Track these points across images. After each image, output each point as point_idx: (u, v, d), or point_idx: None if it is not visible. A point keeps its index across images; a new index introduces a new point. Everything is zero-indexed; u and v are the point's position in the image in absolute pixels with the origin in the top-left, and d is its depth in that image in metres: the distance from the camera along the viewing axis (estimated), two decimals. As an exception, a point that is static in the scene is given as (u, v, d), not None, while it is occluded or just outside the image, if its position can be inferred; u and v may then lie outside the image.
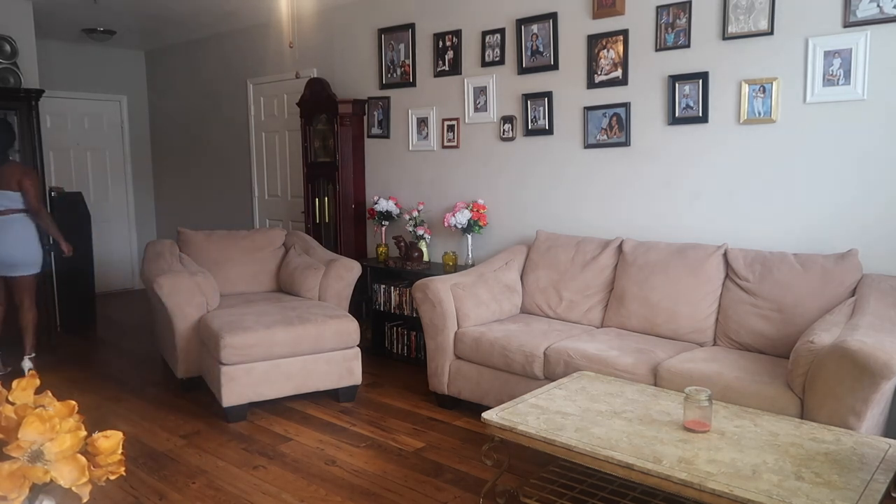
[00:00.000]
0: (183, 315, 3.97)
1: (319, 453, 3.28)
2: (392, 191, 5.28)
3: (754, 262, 3.41)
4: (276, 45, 6.02)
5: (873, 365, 2.40)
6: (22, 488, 1.22)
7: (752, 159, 3.60)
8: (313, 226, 5.58)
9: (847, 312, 2.94)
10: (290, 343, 3.74)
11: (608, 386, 2.89)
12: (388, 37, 5.18)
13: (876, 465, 2.10)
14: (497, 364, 3.55)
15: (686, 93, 3.77)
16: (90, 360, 4.99)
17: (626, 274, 3.76)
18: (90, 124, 7.29)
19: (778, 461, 2.13)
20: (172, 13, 5.99)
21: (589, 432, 2.39)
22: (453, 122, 4.85)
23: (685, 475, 2.05)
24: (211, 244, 4.74)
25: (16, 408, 1.30)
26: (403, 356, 4.77)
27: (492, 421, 2.54)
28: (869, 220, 3.28)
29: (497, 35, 4.53)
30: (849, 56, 3.24)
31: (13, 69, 5.28)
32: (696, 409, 2.37)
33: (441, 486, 2.92)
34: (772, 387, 2.75)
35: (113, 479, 1.35)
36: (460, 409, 3.81)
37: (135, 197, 7.75)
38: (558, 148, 4.34)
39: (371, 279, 4.90)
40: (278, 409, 3.84)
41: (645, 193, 4.01)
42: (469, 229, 4.58)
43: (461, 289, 3.84)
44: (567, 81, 4.24)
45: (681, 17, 3.75)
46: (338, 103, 5.23)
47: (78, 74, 7.09)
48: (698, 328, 3.47)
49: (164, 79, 7.55)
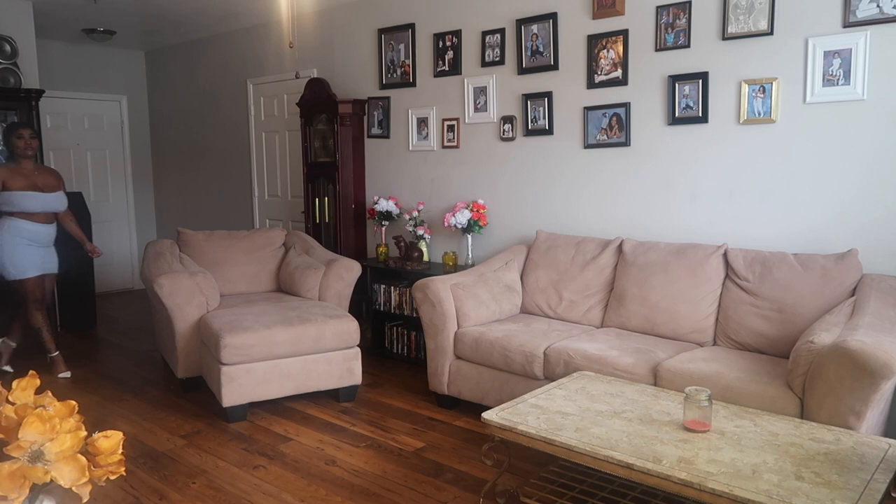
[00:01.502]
0: (183, 315, 3.97)
1: (319, 453, 3.28)
2: (392, 191, 5.28)
3: (754, 262, 3.41)
4: (276, 45, 6.02)
5: (873, 365, 2.40)
6: (22, 488, 1.22)
7: (752, 159, 3.60)
8: (313, 226, 5.58)
9: (847, 312, 2.94)
10: (290, 343, 3.74)
11: (608, 386, 2.89)
12: (388, 37, 5.18)
13: (876, 464, 2.10)
14: (497, 364, 3.55)
15: (686, 93, 3.77)
16: (90, 360, 4.99)
17: (625, 274, 3.76)
18: (90, 124, 7.29)
19: (778, 461, 2.13)
20: (172, 13, 6.00)
21: (589, 432, 2.39)
22: (453, 122, 4.85)
23: (685, 475, 2.05)
24: (211, 244, 4.74)
25: (16, 408, 1.30)
26: (403, 356, 4.77)
27: (492, 421, 2.54)
28: (869, 220, 3.28)
29: (497, 35, 4.53)
30: (849, 56, 3.24)
31: (13, 69, 5.29)
32: (696, 409, 2.37)
33: (441, 486, 2.92)
34: (772, 387, 2.75)
35: (113, 479, 1.35)
36: (460, 409, 3.82)
37: (135, 197, 7.75)
38: (558, 148, 4.34)
39: (371, 279, 4.90)
40: (278, 409, 3.84)
41: (645, 193, 4.01)
42: (469, 229, 4.58)
43: (461, 289, 3.84)
44: (567, 81, 4.24)
45: (681, 17, 3.75)
46: (338, 103, 5.23)
47: (78, 74, 7.09)
48: (698, 328, 3.47)
49: (164, 79, 7.55)
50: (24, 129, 4.41)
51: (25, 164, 4.41)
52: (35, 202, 4.37)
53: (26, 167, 4.41)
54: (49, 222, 4.49)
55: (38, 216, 4.40)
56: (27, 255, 4.35)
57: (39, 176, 4.45)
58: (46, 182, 4.46)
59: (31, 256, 4.37)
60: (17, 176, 4.35)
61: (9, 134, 4.46)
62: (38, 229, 4.41)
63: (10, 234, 4.31)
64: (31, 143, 4.39)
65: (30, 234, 4.38)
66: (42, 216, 4.43)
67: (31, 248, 4.37)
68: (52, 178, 4.53)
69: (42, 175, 4.48)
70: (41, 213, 4.41)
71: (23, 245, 4.34)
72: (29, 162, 4.43)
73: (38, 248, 4.43)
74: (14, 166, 4.40)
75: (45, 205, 4.43)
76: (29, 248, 4.36)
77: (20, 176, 4.36)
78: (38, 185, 4.40)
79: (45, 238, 4.47)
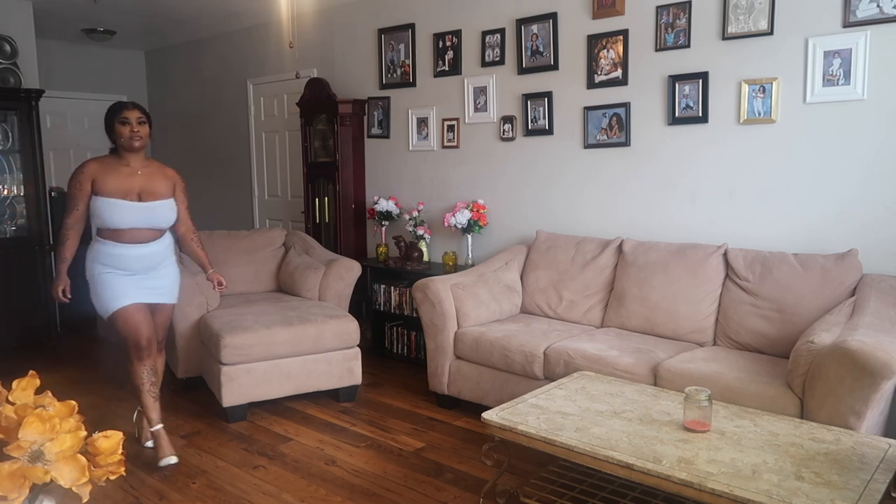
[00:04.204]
0: (183, 315, 3.97)
1: (319, 453, 3.28)
2: (392, 191, 5.28)
3: (754, 262, 3.41)
4: (276, 45, 6.02)
5: (873, 365, 2.40)
6: (22, 488, 1.22)
7: (752, 159, 3.60)
8: (313, 226, 5.58)
9: (847, 312, 2.94)
10: (290, 343, 3.74)
11: (608, 386, 2.89)
12: (388, 37, 5.18)
13: (876, 465, 2.10)
14: (497, 364, 3.55)
15: (686, 93, 3.77)
16: (90, 360, 4.99)
17: (626, 274, 3.76)
18: (90, 124, 7.28)
19: (778, 461, 2.13)
20: (173, 13, 6.00)
21: (589, 432, 2.39)
22: (453, 122, 4.85)
23: (685, 475, 2.05)
24: (211, 244, 4.73)
25: (16, 408, 1.30)
26: (403, 356, 4.77)
27: (492, 421, 2.54)
28: (869, 220, 3.28)
29: (497, 35, 4.53)
30: (849, 56, 3.24)
31: (13, 69, 5.28)
32: (696, 409, 2.37)
33: (441, 486, 2.92)
34: (772, 387, 2.75)
35: (113, 479, 1.35)
36: (460, 409, 3.82)
37: (135, 197, 7.75)
38: (558, 148, 4.34)
39: (371, 279, 4.90)
40: (278, 409, 3.84)
41: (645, 193, 4.01)
42: (469, 229, 4.58)
43: (461, 289, 3.84)
44: (567, 81, 4.24)
45: (681, 17, 3.75)
46: (338, 103, 5.23)
47: (78, 74, 7.09)
48: (698, 328, 3.47)
49: (164, 79, 7.55)
50: (129, 111, 3.09)
51: (129, 159, 3.12)
52: (124, 215, 3.04)
53: (130, 163, 3.12)
54: (148, 241, 3.14)
55: (129, 234, 3.07)
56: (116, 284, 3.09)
57: (142, 178, 3.13)
58: (150, 187, 3.13)
59: (120, 285, 3.09)
60: (110, 175, 3.07)
61: (111, 118, 3.11)
62: (128, 253, 3.08)
63: (93, 260, 3.11)
64: (138, 132, 3.09)
65: (115, 261, 3.08)
66: (136, 234, 3.09)
67: (117, 276, 3.09)
68: (160, 181, 3.19)
69: (147, 177, 3.15)
70: (135, 229, 3.08)
71: (105, 275, 3.08)
72: (135, 156, 3.13)
73: (132, 275, 3.13)
74: (111, 160, 3.14)
75: (140, 219, 3.08)
76: (114, 275, 3.09)
77: (114, 175, 3.07)
78: (136, 190, 3.09)
79: (141, 263, 3.13)
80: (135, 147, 3.10)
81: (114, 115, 3.09)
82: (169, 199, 3.22)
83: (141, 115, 3.12)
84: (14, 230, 5.23)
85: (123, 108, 3.10)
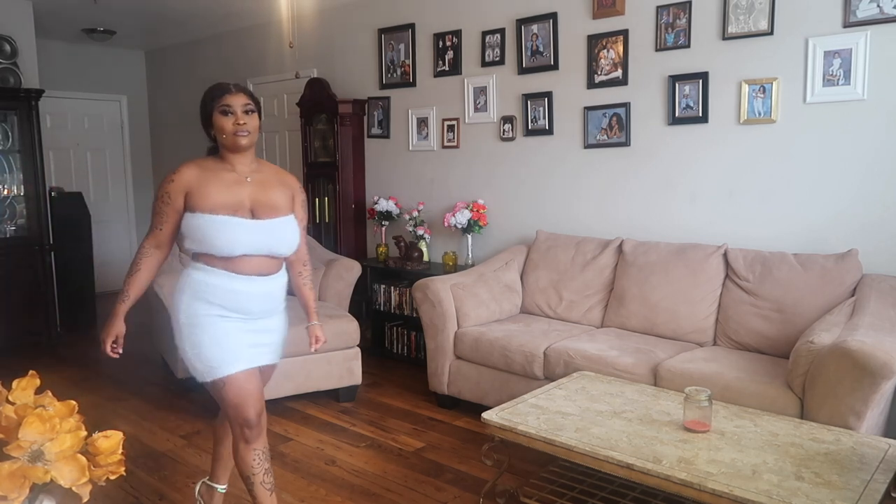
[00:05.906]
0: (183, 315, 3.94)
1: (319, 453, 3.28)
2: (392, 191, 5.28)
3: (754, 262, 3.41)
4: (276, 45, 6.02)
5: (873, 365, 2.40)
6: (22, 488, 1.22)
7: (752, 159, 3.60)
8: (313, 226, 5.57)
9: (847, 312, 2.94)
10: (289, 343, 3.71)
11: (608, 386, 2.89)
12: (388, 37, 5.18)
13: (876, 465, 2.10)
14: (497, 364, 3.55)
15: (686, 93, 3.77)
16: (90, 359, 4.99)
17: (625, 274, 3.76)
18: (90, 124, 7.28)
19: (778, 461, 2.13)
20: (172, 13, 5.99)
21: (589, 432, 2.39)
22: (453, 122, 4.85)
23: (685, 475, 2.05)
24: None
25: (16, 408, 1.30)
26: (403, 356, 4.77)
27: (492, 421, 2.54)
28: (869, 220, 3.28)
29: (497, 35, 4.53)
30: (849, 56, 3.24)
31: (13, 69, 5.28)
32: (696, 409, 2.37)
33: (441, 486, 2.92)
34: (772, 387, 2.75)
35: (113, 479, 1.35)
36: (460, 409, 3.81)
37: (135, 197, 7.74)
38: (558, 148, 4.34)
39: (371, 279, 4.90)
40: (278, 409, 3.84)
41: (645, 193, 4.01)
42: (469, 229, 4.58)
43: (461, 289, 3.84)
44: (567, 81, 4.24)
45: (681, 17, 3.75)
46: (338, 103, 5.23)
47: (78, 74, 7.08)
48: (698, 328, 3.47)
49: (164, 79, 7.55)
50: (233, 94, 2.20)
51: (235, 161, 2.25)
52: (238, 238, 2.16)
53: (235, 167, 2.25)
54: (269, 273, 2.27)
55: (244, 263, 2.19)
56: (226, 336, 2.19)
57: (254, 186, 2.24)
58: (264, 199, 2.24)
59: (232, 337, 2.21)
60: (212, 183, 2.20)
61: (210, 105, 2.24)
62: (248, 290, 2.21)
63: (191, 296, 2.20)
64: (245, 124, 2.20)
65: (227, 299, 2.19)
66: (249, 263, 2.20)
67: (229, 321, 2.21)
68: (277, 191, 2.29)
69: (259, 185, 2.25)
70: (248, 257, 2.19)
71: (213, 318, 2.19)
72: (241, 157, 2.26)
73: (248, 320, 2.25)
74: (212, 164, 2.28)
75: (255, 243, 2.19)
76: (225, 321, 2.20)
77: (217, 184, 2.20)
78: (248, 204, 2.20)
79: (261, 305, 2.28)
80: (241, 146, 2.21)
81: (212, 102, 2.21)
82: (289, 216, 2.30)
83: (248, 100, 2.22)
84: (14, 230, 5.24)
85: (225, 91, 2.21)
